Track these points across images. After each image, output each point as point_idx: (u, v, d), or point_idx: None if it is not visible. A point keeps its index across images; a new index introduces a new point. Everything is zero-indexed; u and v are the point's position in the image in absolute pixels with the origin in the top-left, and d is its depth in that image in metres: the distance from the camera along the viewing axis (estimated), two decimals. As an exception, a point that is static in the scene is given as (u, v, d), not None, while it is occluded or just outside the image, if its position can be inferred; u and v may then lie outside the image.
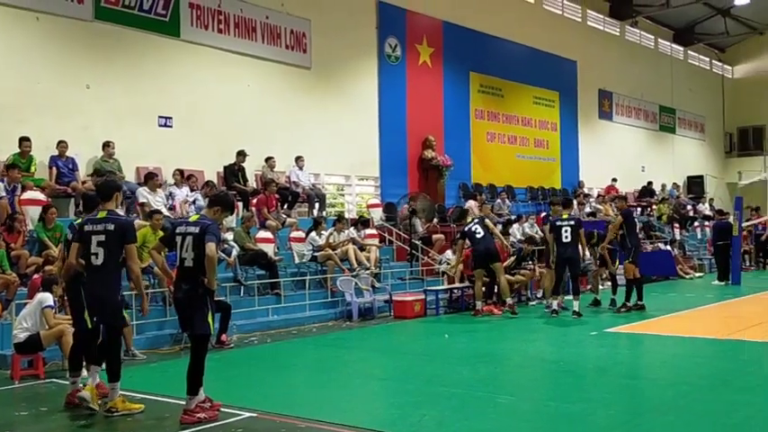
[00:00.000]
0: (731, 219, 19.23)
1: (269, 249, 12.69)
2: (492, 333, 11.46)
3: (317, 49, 16.79)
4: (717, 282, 18.28)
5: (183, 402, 6.32)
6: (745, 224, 20.65)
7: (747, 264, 22.02)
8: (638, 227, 14.92)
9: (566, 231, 12.55)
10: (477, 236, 13.04)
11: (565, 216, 12.84)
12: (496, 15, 21.99)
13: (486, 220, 13.60)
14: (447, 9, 20.23)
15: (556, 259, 12.70)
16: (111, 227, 6.54)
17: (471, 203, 18.18)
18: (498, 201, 20.05)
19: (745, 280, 18.35)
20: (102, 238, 6.53)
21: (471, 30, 20.95)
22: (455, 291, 14.29)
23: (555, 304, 12.70)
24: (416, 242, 15.91)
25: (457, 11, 20.51)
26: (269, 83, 16.02)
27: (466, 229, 13.34)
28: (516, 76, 22.72)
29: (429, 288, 14.08)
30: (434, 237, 16.54)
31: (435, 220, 17.54)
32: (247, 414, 6.43)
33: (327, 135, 16.99)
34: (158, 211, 11.11)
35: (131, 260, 6.63)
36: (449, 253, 15.51)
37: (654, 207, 25.93)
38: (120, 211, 7.72)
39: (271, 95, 16.03)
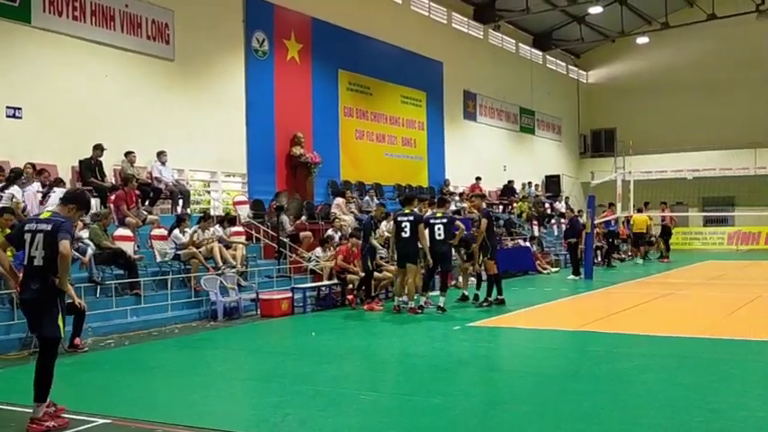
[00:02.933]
0: (584, 217, 20.33)
1: (128, 248, 12.18)
2: (359, 330, 11.54)
3: (180, 40, 16.30)
4: (572, 276, 19.25)
5: (31, 411, 5.96)
6: (597, 221, 21.88)
7: (599, 259, 23.34)
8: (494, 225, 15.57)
9: (438, 229, 12.96)
10: (404, 234, 13.01)
11: (439, 214, 13.21)
12: (365, 14, 22.17)
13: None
14: (316, 5, 20.18)
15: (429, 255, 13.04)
16: None
17: (339, 201, 18.25)
18: (366, 198, 20.22)
19: (596, 275, 19.46)
20: None
21: (340, 27, 21.01)
22: (323, 288, 14.28)
23: (423, 300, 12.97)
24: (284, 240, 15.77)
25: (326, 8, 20.50)
26: (129, 74, 15.39)
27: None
28: (385, 74, 23.00)
29: (297, 286, 13.99)
30: (302, 234, 16.44)
31: (304, 217, 17.46)
32: (101, 421, 6.14)
33: (192, 129, 16.54)
34: (8, 209, 10.41)
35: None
36: (318, 250, 15.49)
37: (515, 205, 27.01)
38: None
39: (131, 87, 15.41)
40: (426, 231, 13.15)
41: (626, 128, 34.86)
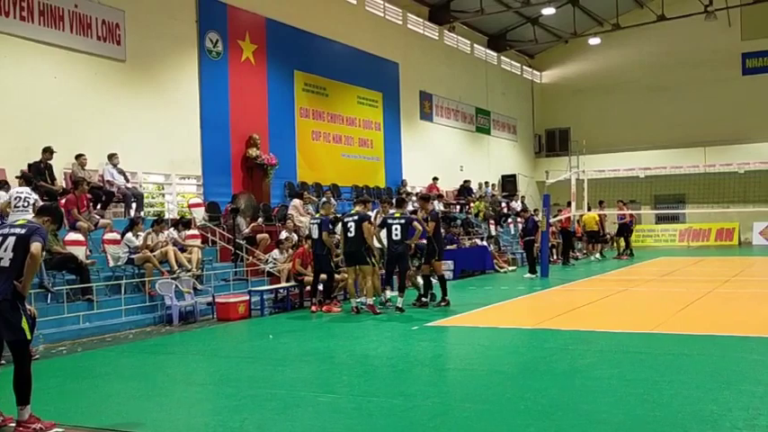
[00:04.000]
0: (539, 215, 20.56)
1: (79, 252, 11.94)
2: (317, 332, 11.47)
3: (132, 41, 16.05)
4: (528, 275, 19.44)
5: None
6: (553, 219, 22.14)
7: (555, 257, 23.63)
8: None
9: (396, 229, 12.97)
10: (349, 234, 13.00)
11: (397, 215, 13.21)
12: (320, 15, 22.10)
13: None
14: (270, 6, 20.05)
15: (387, 256, 13.04)
16: None
17: (296, 202, 18.16)
18: (324, 199, 20.09)
19: (552, 272, 19.69)
20: None
21: (295, 28, 20.91)
22: (280, 290, 14.19)
23: (388, 294, 13.00)
24: (241, 242, 15.63)
25: (280, 8, 20.38)
26: (79, 75, 15.10)
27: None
28: (341, 75, 22.96)
29: (254, 289, 13.87)
30: (259, 236, 16.32)
31: (260, 219, 17.32)
32: (53, 430, 5.98)
33: (145, 131, 16.30)
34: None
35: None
36: (275, 252, 15.39)
37: (471, 205, 27.20)
38: None
39: (81, 89, 15.12)
40: (384, 232, 13.19)
41: (579, 127, 35.40)
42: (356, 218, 12.99)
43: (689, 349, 8.78)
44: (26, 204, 11.51)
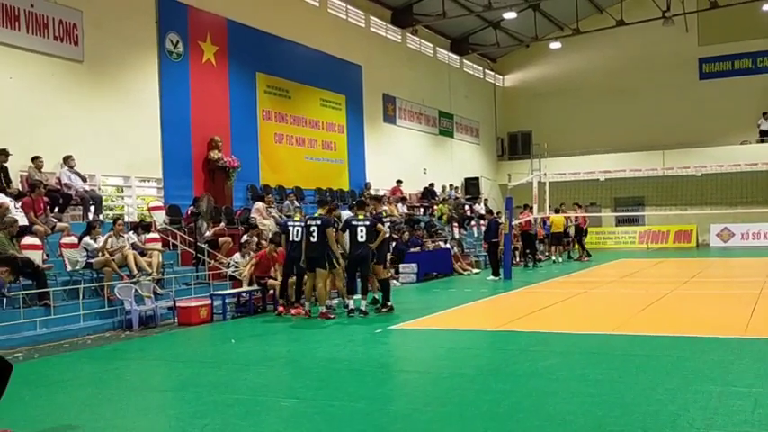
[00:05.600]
0: (502, 218, 20.71)
1: (36, 257, 11.70)
2: (280, 336, 11.40)
3: (90, 41, 15.79)
4: (491, 277, 19.56)
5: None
6: (515, 222, 22.31)
7: (517, 259, 23.82)
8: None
9: (361, 231, 12.90)
10: (312, 239, 12.90)
11: (360, 217, 13.13)
12: (282, 17, 22.01)
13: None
14: (231, 7, 19.90)
15: (348, 258, 12.99)
16: None
17: (259, 205, 18.04)
18: (287, 202, 20.02)
19: (515, 275, 19.84)
20: None
21: (257, 30, 20.78)
22: (243, 294, 14.07)
23: (351, 303, 12.93)
24: (202, 246, 15.45)
25: (242, 10, 20.24)
26: (35, 76, 14.80)
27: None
28: (303, 78, 22.87)
29: (215, 293, 13.72)
30: (221, 240, 16.16)
31: (223, 222, 17.17)
32: (6, 439, 5.86)
33: (104, 134, 16.05)
34: None
35: None
36: (237, 256, 15.25)
37: (435, 207, 27.30)
38: None
39: (37, 90, 14.82)
40: (347, 234, 13.15)
41: (541, 131, 35.79)
42: (319, 222, 12.92)
43: (648, 350, 8.91)
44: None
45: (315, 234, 12.81)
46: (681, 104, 33.68)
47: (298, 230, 13.07)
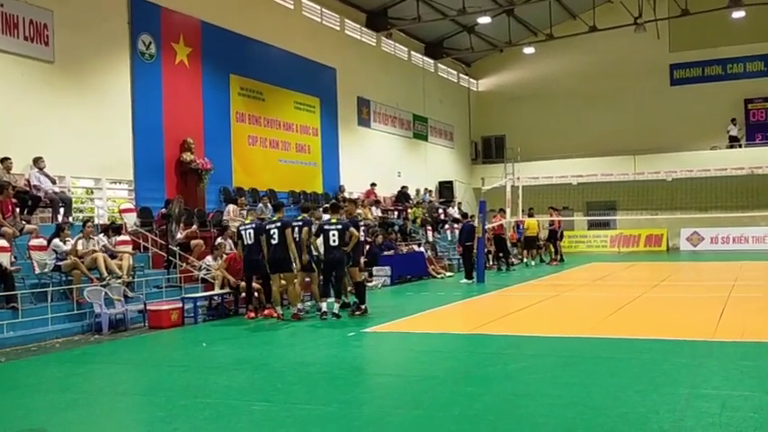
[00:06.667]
0: (475, 221, 20.79)
1: (4, 259, 11.51)
2: (252, 339, 11.34)
3: (61, 42, 15.58)
4: (464, 280, 19.62)
5: None
6: (488, 225, 22.40)
7: (490, 263, 23.90)
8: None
9: (333, 235, 12.83)
10: (273, 241, 12.84)
11: (333, 220, 13.08)
12: (256, 19, 21.91)
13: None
14: (205, 9, 19.77)
15: (323, 263, 12.97)
16: None
17: (231, 208, 17.93)
18: (260, 205, 19.89)
19: (488, 278, 19.92)
20: None
21: (231, 32, 20.67)
22: (215, 297, 13.97)
23: (324, 306, 12.89)
24: (174, 248, 15.32)
25: (215, 11, 20.12)
26: (5, 77, 14.57)
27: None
28: (277, 80, 22.79)
29: (187, 296, 13.61)
30: (193, 242, 16.02)
31: (195, 225, 17.03)
32: (-30, 445, 5.75)
33: (74, 135, 15.85)
34: None
35: None
36: (209, 258, 15.16)
37: (409, 211, 27.33)
38: None
39: (7, 90, 14.59)
40: (321, 238, 13.11)
41: (514, 135, 36.01)
42: (279, 224, 12.91)
43: (619, 353, 8.99)
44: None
45: (275, 236, 12.78)
46: (652, 110, 34.08)
47: (250, 233, 13.08)
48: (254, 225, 13.23)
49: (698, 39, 33.11)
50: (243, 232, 13.29)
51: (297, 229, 13.04)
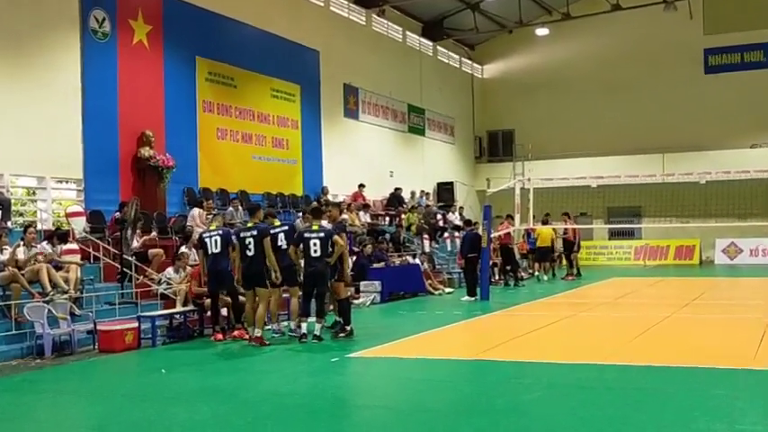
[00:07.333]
0: (479, 229, 20.78)
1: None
2: (219, 365, 11.32)
3: (-1, 17, 15.57)
4: (466, 297, 19.61)
5: None
6: (494, 234, 22.39)
7: (496, 277, 23.91)
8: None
9: (314, 245, 12.66)
10: (248, 252, 12.78)
11: (315, 227, 12.96)
12: (227, -7, 21.92)
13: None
14: (168, -19, 19.78)
15: (303, 276, 12.90)
16: None
17: (196, 212, 17.89)
18: (230, 209, 19.83)
19: (494, 295, 19.93)
20: None
21: (198, 7, 20.68)
22: (177, 316, 13.92)
23: (304, 327, 12.84)
24: (129, 259, 15.28)
25: (180, -16, 20.13)
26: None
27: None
28: (252, 64, 22.81)
29: (144, 314, 13.56)
30: (152, 252, 16.00)
31: (154, 231, 17.00)
32: None
33: (14, 126, 15.82)
34: None
35: None
36: (170, 271, 15.12)
37: (403, 216, 27.31)
38: None
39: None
40: (300, 247, 13.06)
41: (525, 129, 36.14)
42: (255, 232, 12.79)
43: (644, 383, 8.99)
44: None
45: (251, 247, 12.70)
46: (683, 101, 34.21)
47: (216, 240, 13.03)
48: (220, 231, 13.18)
49: (737, 19, 33.28)
50: (207, 240, 13.23)
51: (282, 235, 12.92)
